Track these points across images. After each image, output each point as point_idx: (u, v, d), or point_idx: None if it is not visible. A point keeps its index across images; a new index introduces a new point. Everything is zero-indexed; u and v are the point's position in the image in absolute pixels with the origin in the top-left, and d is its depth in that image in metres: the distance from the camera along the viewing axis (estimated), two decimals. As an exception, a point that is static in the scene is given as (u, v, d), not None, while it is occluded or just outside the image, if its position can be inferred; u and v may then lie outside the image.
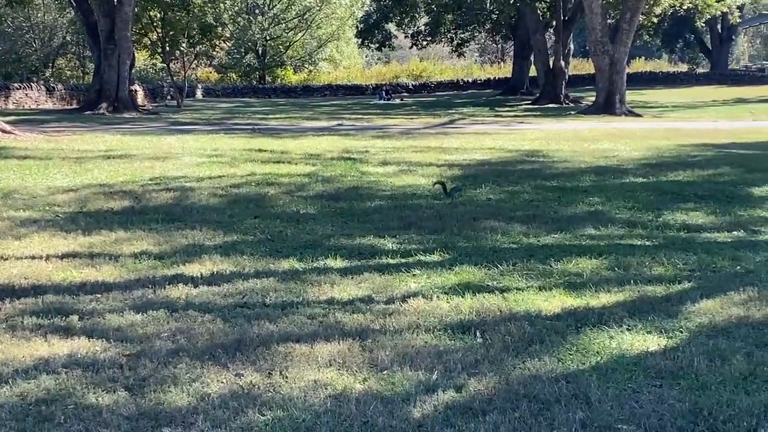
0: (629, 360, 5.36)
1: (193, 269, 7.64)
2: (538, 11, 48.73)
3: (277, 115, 36.06)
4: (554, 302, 6.60)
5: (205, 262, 7.91)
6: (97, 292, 6.85)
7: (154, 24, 45.31)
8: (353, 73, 77.75)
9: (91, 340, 5.61)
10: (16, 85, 44.79)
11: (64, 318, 6.10)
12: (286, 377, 5.02)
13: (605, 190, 12.58)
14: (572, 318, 6.18)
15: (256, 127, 28.19)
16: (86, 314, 6.20)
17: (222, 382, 4.94)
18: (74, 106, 43.25)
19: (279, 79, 70.90)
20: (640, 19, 39.71)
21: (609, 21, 39.30)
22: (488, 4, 55.71)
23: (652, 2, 41.10)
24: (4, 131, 22.23)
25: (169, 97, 51.42)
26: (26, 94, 43.71)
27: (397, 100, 53.82)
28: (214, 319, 6.10)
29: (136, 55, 43.91)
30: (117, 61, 37.63)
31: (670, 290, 6.99)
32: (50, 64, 67.68)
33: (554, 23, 48.20)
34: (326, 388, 4.86)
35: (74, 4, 40.67)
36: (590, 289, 6.97)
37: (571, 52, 50.00)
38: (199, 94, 58.15)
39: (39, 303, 6.51)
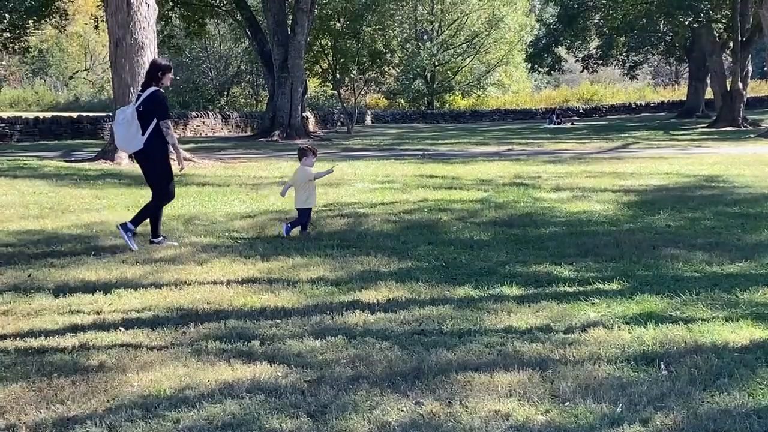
0: (825, 397, 5.09)
1: (369, 296, 7.67)
2: (715, 32, 47.53)
3: (446, 141, 36.20)
4: (742, 334, 6.33)
5: (381, 289, 7.93)
6: (277, 317, 6.95)
7: (325, 52, 46.37)
8: (522, 97, 77.54)
9: (272, 365, 5.68)
10: (194, 113, 46.57)
11: (246, 343, 6.20)
12: (466, 407, 4.95)
13: (791, 216, 12.08)
14: (761, 351, 5.90)
15: (426, 152, 28.37)
16: (267, 339, 6.29)
17: (402, 411, 4.91)
18: (248, 133, 44.61)
19: (447, 104, 71.34)
20: (823, 38, 38.33)
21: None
22: (662, 26, 54.71)
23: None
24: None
25: (339, 124, 52.38)
26: (203, 122, 45.37)
27: (568, 124, 53.42)
28: (391, 347, 6.09)
29: (307, 82, 44.92)
30: (290, 89, 38.58)
31: None
32: (225, 93, 70.11)
33: (731, 44, 46.89)
34: (507, 419, 4.77)
35: (249, 35, 42.04)
36: (780, 321, 6.66)
37: (749, 74, 48.49)
38: (368, 120, 59.04)
39: (221, 328, 6.64)
